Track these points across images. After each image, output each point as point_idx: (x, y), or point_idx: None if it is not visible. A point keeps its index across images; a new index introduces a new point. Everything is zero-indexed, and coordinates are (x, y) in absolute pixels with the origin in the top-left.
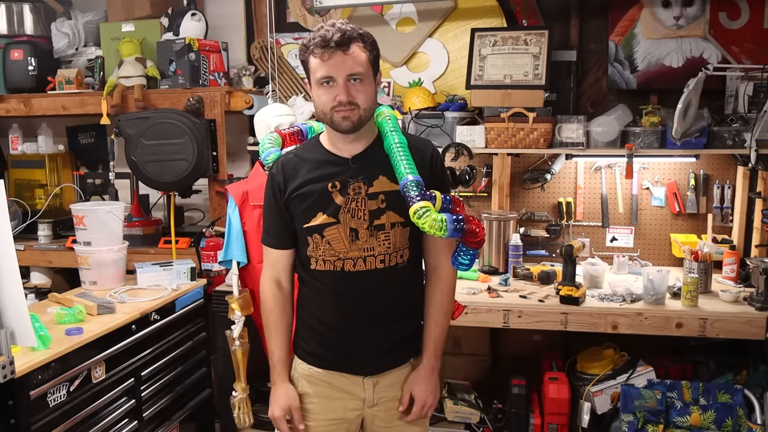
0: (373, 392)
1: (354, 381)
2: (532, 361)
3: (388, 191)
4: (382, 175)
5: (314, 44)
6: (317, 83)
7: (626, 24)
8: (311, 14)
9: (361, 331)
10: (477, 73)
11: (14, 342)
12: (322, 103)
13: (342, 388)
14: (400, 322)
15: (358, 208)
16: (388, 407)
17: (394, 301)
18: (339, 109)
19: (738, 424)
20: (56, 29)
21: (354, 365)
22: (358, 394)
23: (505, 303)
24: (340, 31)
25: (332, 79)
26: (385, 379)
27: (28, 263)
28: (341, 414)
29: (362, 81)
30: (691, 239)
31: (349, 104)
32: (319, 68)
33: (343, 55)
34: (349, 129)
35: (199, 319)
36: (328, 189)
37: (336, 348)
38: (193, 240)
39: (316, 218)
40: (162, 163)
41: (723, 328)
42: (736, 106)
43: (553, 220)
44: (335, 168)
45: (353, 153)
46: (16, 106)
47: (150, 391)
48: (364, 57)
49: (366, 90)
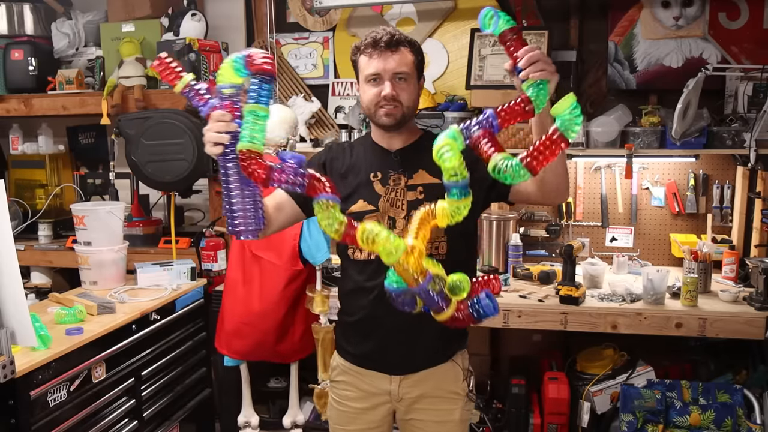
0: (399, 387)
1: (381, 375)
2: (532, 361)
3: (427, 184)
4: (422, 168)
5: (365, 44)
6: (365, 80)
7: (626, 24)
8: (311, 14)
9: (392, 327)
10: (477, 74)
11: (15, 342)
12: (369, 98)
13: (370, 381)
14: (434, 322)
15: (397, 197)
16: (411, 404)
17: None
18: (383, 105)
19: (737, 424)
20: (56, 29)
21: (381, 363)
22: (384, 388)
23: (505, 303)
24: (389, 34)
25: (379, 77)
26: (414, 376)
27: (28, 263)
28: (371, 404)
29: (407, 81)
30: (690, 239)
31: (393, 100)
32: (367, 66)
33: (391, 54)
34: (391, 125)
35: (199, 319)
36: (370, 178)
37: (365, 344)
38: (193, 240)
39: (356, 205)
40: (162, 163)
41: (722, 328)
42: (735, 106)
43: (553, 220)
44: (378, 159)
45: (396, 147)
46: (17, 106)
47: (150, 391)
48: (410, 59)
49: (409, 89)
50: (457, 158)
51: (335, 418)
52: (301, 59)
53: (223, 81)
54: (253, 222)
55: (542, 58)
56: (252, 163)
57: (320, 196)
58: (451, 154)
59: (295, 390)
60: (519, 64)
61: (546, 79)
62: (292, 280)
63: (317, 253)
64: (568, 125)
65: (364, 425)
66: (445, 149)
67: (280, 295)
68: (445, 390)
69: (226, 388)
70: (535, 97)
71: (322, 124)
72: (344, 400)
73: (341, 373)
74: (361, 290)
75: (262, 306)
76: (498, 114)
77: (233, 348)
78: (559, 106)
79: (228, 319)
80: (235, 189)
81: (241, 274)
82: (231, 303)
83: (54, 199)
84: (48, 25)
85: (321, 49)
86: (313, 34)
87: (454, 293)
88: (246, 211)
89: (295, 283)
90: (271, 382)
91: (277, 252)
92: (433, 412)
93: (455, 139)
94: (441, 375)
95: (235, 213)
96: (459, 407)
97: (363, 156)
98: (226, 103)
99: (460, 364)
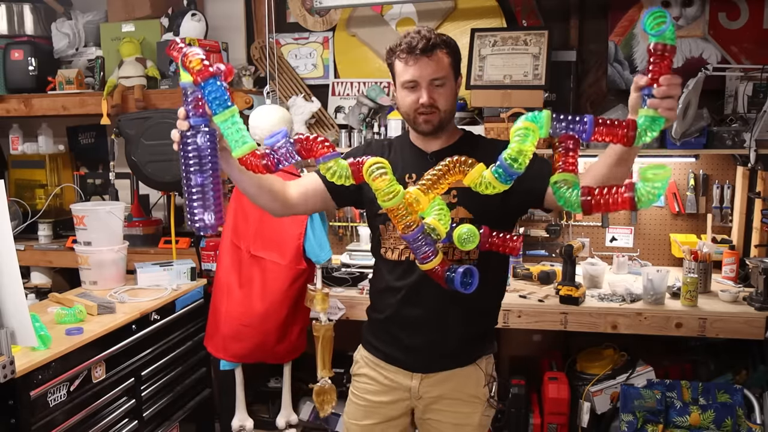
0: (419, 385)
1: (403, 372)
2: (532, 361)
3: (462, 188)
4: None
5: (400, 49)
6: (402, 86)
7: (626, 24)
8: (311, 14)
9: (417, 326)
10: (477, 74)
11: (15, 342)
12: (406, 104)
13: (390, 377)
14: (459, 325)
15: None
16: (430, 403)
17: (455, 300)
18: (421, 111)
19: (737, 423)
20: (56, 29)
21: (405, 360)
22: (405, 384)
23: (505, 303)
24: (425, 39)
25: (416, 83)
26: (435, 376)
27: (28, 263)
28: (391, 399)
29: (444, 85)
30: (690, 239)
31: (430, 107)
32: (404, 72)
33: (428, 60)
34: (429, 131)
35: (200, 319)
36: (405, 179)
37: (395, 342)
38: (193, 240)
39: None
40: (162, 163)
41: (722, 328)
42: (735, 106)
43: (553, 220)
44: (415, 160)
45: (433, 149)
46: (17, 106)
47: (150, 391)
48: (446, 62)
49: (447, 93)
50: (529, 145)
51: (351, 413)
52: (301, 59)
53: (184, 80)
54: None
55: (677, 95)
56: (252, 162)
57: (322, 158)
58: (524, 139)
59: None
60: (654, 89)
61: (665, 118)
62: (296, 280)
63: (321, 252)
64: (645, 195)
65: (380, 419)
66: (521, 132)
67: (284, 294)
68: (465, 393)
69: (226, 388)
70: (645, 129)
71: (322, 124)
72: (363, 394)
73: (364, 366)
74: (391, 289)
75: (265, 306)
76: (596, 123)
77: (231, 351)
78: (650, 171)
79: (224, 323)
80: (193, 182)
81: (236, 276)
82: (227, 306)
83: (54, 199)
84: (48, 25)
85: (321, 49)
86: (313, 34)
87: (462, 245)
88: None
89: (298, 282)
90: (271, 382)
91: (279, 252)
92: (452, 414)
93: (540, 126)
94: (463, 377)
95: (196, 207)
96: (479, 412)
97: (400, 156)
98: (191, 99)
99: (483, 368)
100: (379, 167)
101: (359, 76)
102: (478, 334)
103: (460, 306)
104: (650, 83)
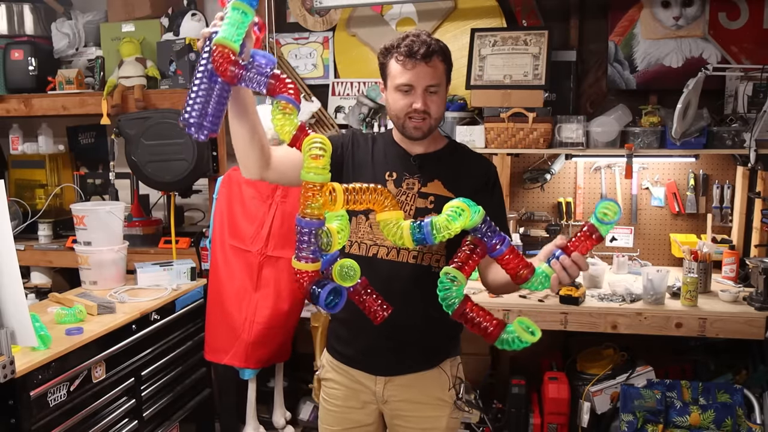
0: (383, 389)
1: (366, 375)
2: (532, 361)
3: (440, 195)
4: (439, 179)
5: (399, 51)
6: (395, 88)
7: (626, 24)
8: (311, 14)
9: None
10: (477, 74)
11: (14, 342)
12: (398, 107)
13: (357, 379)
14: (419, 330)
15: (406, 202)
16: (395, 407)
17: (420, 304)
18: (413, 116)
19: (737, 423)
20: (56, 29)
21: (367, 363)
22: (370, 387)
23: (505, 303)
24: (425, 44)
25: (412, 88)
26: (398, 379)
27: (28, 263)
28: (359, 403)
29: (437, 93)
30: (690, 239)
31: (423, 113)
32: (400, 75)
33: (426, 66)
34: (419, 137)
35: (199, 319)
36: (384, 176)
37: (353, 344)
38: (193, 240)
39: None
40: (162, 163)
41: (722, 328)
42: (735, 106)
43: (553, 220)
44: (397, 159)
45: (417, 152)
46: (17, 106)
47: (150, 391)
48: (441, 69)
49: (439, 101)
50: (458, 225)
51: (323, 418)
52: (301, 59)
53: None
54: (209, 119)
55: (575, 276)
56: (221, 58)
57: (280, 96)
58: (455, 218)
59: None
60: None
61: (551, 284)
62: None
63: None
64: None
65: (350, 425)
66: (456, 210)
67: None
68: (430, 396)
69: (226, 388)
70: (536, 281)
71: (322, 124)
72: (332, 399)
73: (330, 370)
74: None
75: (289, 305)
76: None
77: (255, 358)
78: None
79: (246, 330)
80: (200, 83)
81: (249, 280)
82: (245, 314)
83: (54, 199)
84: (48, 25)
85: (321, 49)
86: (313, 34)
87: (342, 279)
88: (203, 106)
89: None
90: (271, 382)
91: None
92: (418, 419)
93: (474, 213)
94: (426, 381)
95: (192, 106)
96: (446, 415)
97: (382, 153)
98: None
99: (447, 371)
100: (320, 147)
101: (359, 76)
102: (439, 338)
103: (421, 311)
104: (565, 250)
